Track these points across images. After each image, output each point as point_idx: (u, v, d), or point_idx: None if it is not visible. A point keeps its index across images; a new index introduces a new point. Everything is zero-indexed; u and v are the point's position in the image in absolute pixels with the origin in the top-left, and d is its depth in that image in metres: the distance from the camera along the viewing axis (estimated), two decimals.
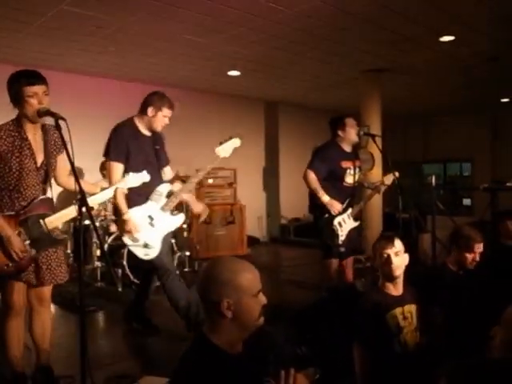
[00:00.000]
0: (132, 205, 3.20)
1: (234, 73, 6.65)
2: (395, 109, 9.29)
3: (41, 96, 2.29)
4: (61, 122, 2.15)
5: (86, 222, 4.72)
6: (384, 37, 5.05)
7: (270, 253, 8.09)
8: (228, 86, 7.62)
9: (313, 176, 3.87)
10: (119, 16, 4.30)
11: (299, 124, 9.53)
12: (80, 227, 1.99)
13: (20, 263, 2.34)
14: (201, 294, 1.49)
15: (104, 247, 4.75)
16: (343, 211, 3.91)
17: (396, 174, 3.81)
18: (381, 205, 6.78)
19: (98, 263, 5.05)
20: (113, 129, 3.34)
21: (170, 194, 3.35)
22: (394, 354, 2.19)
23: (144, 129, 3.35)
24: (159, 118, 3.28)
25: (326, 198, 3.83)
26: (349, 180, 4.03)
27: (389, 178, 3.93)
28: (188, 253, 5.78)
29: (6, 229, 2.29)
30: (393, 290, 2.31)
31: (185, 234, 5.88)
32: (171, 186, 3.42)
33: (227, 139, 3.49)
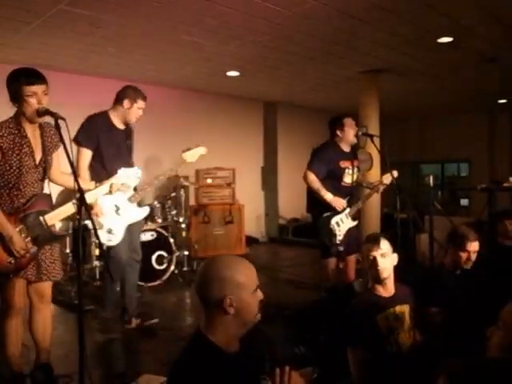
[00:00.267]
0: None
1: (233, 73, 6.66)
2: (393, 109, 9.32)
3: (40, 95, 2.29)
4: (60, 122, 2.16)
5: (85, 222, 4.72)
6: (382, 38, 5.06)
7: (269, 253, 8.10)
8: (227, 87, 7.62)
9: (313, 177, 3.88)
10: (119, 16, 4.30)
11: (298, 124, 9.54)
12: (79, 227, 1.99)
13: (21, 261, 2.35)
14: (201, 293, 1.49)
15: (103, 246, 4.75)
16: (341, 211, 3.92)
17: (394, 174, 3.82)
18: (379, 205, 6.79)
19: (97, 262, 5.06)
20: (86, 118, 3.43)
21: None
22: (386, 356, 2.17)
23: (118, 122, 3.47)
24: (134, 110, 3.43)
25: (330, 196, 3.85)
26: (347, 180, 4.04)
27: (388, 178, 3.93)
28: (186, 252, 5.79)
29: (8, 227, 2.29)
30: (383, 292, 2.29)
31: (183, 234, 5.89)
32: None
33: (194, 147, 3.58)
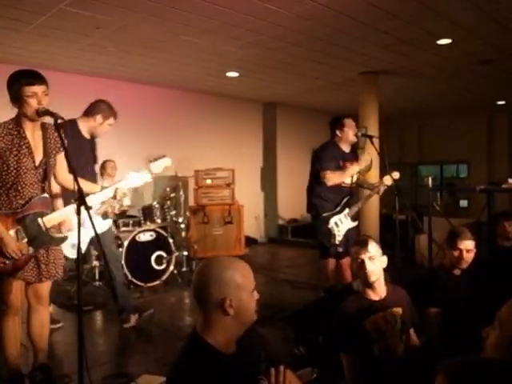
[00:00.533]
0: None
1: (233, 74, 6.67)
2: (392, 110, 9.34)
3: (40, 96, 2.30)
4: (59, 122, 2.16)
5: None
6: (382, 39, 5.07)
7: (268, 253, 8.11)
8: (226, 87, 7.63)
9: (330, 174, 3.87)
10: (118, 16, 4.31)
11: (297, 125, 9.56)
12: (79, 227, 1.99)
13: (17, 261, 2.35)
14: (199, 295, 1.49)
15: (102, 246, 4.76)
16: (340, 211, 3.93)
17: (395, 176, 3.82)
18: (378, 206, 6.80)
19: (96, 262, 5.06)
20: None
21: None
22: (376, 360, 2.15)
23: (85, 132, 3.48)
24: (104, 126, 3.46)
25: (355, 169, 3.91)
26: (347, 180, 4.05)
27: (388, 179, 3.92)
28: (186, 252, 5.80)
29: (0, 229, 2.29)
30: (372, 295, 2.25)
31: (183, 234, 5.90)
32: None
33: (161, 157, 3.55)
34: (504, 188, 4.68)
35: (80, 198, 1.97)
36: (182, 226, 5.82)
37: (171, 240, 5.31)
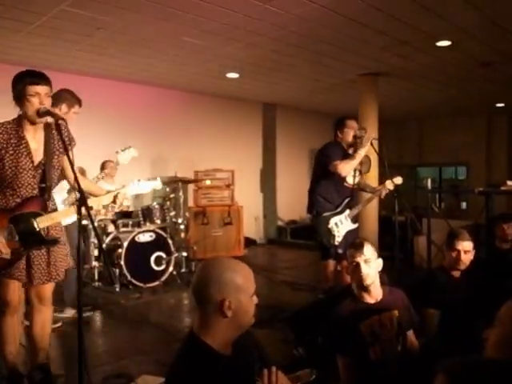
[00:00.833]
0: None
1: (233, 75, 6.68)
2: (392, 112, 9.35)
3: (42, 96, 2.30)
4: (60, 122, 2.17)
5: (84, 222, 4.73)
6: (381, 41, 5.08)
7: (267, 254, 8.11)
8: (226, 88, 7.63)
9: (341, 163, 3.80)
10: (119, 17, 4.31)
11: (297, 126, 9.57)
12: (79, 227, 1.99)
13: (7, 258, 2.32)
14: (198, 295, 1.49)
15: (102, 247, 4.76)
16: (341, 212, 3.93)
17: (396, 181, 3.83)
18: (377, 207, 6.81)
19: (96, 263, 5.06)
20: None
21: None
22: (371, 362, 2.14)
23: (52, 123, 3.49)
24: (70, 115, 3.38)
25: (362, 152, 3.82)
26: (350, 180, 4.05)
27: (390, 184, 3.89)
28: (185, 253, 5.79)
29: None
30: (368, 298, 2.25)
31: (182, 235, 5.90)
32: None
33: (127, 147, 3.49)
34: (502, 190, 4.69)
35: (81, 199, 1.97)
36: (182, 227, 5.82)
37: (171, 241, 5.31)
